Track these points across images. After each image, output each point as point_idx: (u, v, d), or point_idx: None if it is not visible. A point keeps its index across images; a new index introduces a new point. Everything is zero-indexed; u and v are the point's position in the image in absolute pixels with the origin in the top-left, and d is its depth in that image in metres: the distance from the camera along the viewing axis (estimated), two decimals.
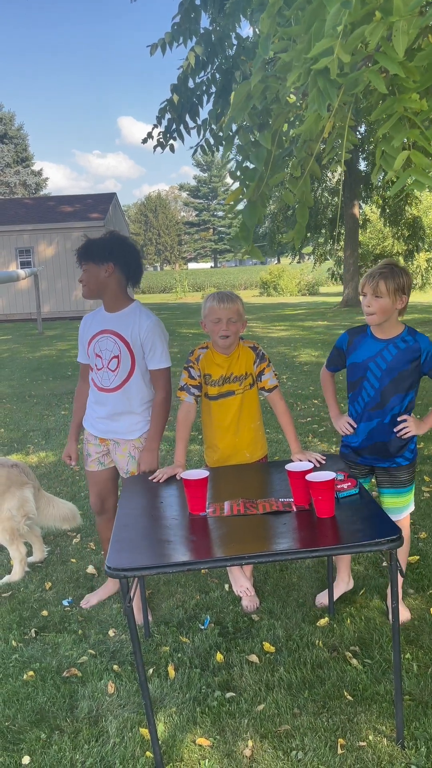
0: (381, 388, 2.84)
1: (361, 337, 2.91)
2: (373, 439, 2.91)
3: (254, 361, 3.02)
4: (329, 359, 3.08)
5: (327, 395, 3.17)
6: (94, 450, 3.27)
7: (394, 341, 2.82)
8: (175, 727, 2.47)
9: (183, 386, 3.06)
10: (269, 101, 2.21)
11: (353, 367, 2.92)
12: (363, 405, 2.91)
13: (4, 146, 47.59)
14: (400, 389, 2.83)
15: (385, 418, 2.87)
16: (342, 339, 2.98)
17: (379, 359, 2.83)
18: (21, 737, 2.48)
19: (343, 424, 3.00)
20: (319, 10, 1.54)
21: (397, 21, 1.46)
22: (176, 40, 4.09)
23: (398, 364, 2.80)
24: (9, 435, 6.99)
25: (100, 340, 3.09)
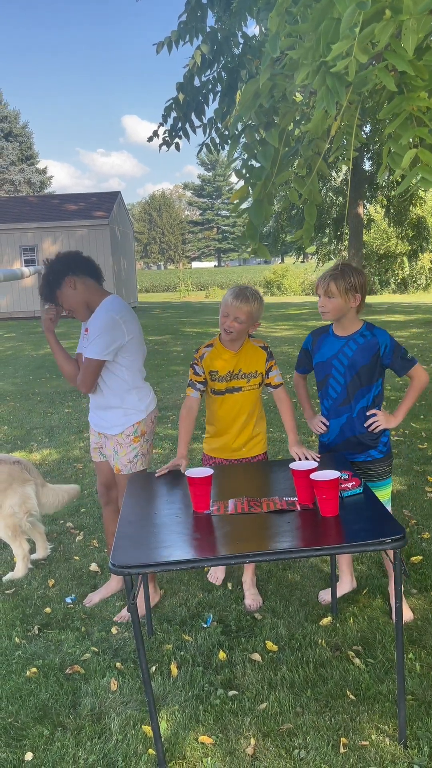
0: (346, 384, 2.93)
1: (324, 337, 3.02)
2: (345, 435, 2.99)
3: (266, 359, 3.09)
4: (298, 361, 3.19)
5: (300, 397, 3.28)
6: (94, 441, 3.35)
7: (353, 337, 2.92)
8: (177, 725, 2.48)
9: (189, 383, 3.11)
10: (276, 99, 2.21)
11: (319, 366, 3.02)
12: (331, 402, 3.00)
13: (9, 144, 47.63)
14: (363, 383, 2.92)
15: (353, 412, 2.95)
16: (307, 340, 3.11)
17: (341, 356, 2.93)
18: (24, 733, 2.48)
19: (316, 424, 3.10)
20: (327, 8, 1.54)
21: (406, 19, 1.46)
22: (182, 38, 4.09)
23: (359, 359, 2.90)
24: (12, 432, 7.00)
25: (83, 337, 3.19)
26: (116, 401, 3.14)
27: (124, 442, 3.16)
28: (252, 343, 3.10)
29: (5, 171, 47.45)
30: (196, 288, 42.38)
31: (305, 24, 1.67)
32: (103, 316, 3.03)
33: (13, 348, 14.39)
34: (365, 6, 1.38)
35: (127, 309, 3.12)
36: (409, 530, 3.99)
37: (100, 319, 3.03)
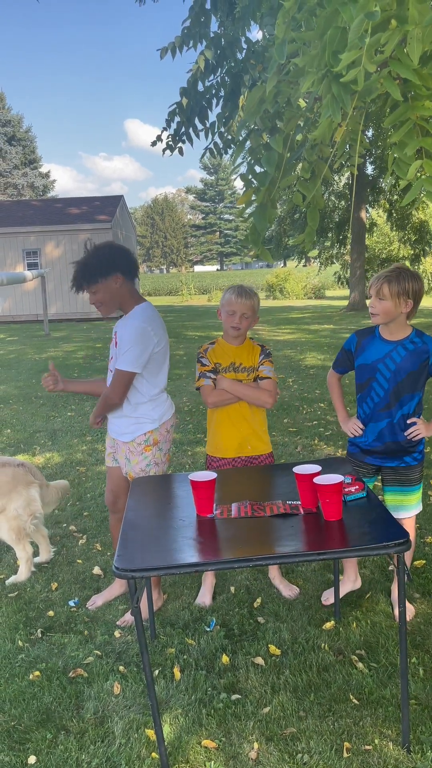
0: (390, 389, 2.89)
1: (370, 339, 2.96)
2: (383, 440, 2.96)
3: (259, 354, 3.20)
4: (337, 361, 3.12)
5: (334, 398, 3.22)
6: (109, 446, 3.36)
7: (402, 343, 2.88)
8: (180, 729, 2.48)
9: (199, 375, 3.18)
10: (281, 105, 2.22)
11: (362, 368, 2.96)
12: (372, 406, 2.95)
13: (12, 148, 47.79)
14: (408, 390, 2.88)
15: (394, 418, 2.92)
16: (350, 340, 3.03)
17: (388, 360, 2.88)
18: (27, 737, 2.48)
19: (351, 427, 3.05)
20: (333, 17, 1.55)
21: (412, 29, 1.47)
22: (186, 43, 4.11)
23: (407, 365, 2.86)
24: (15, 436, 7.01)
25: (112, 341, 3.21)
26: (129, 410, 3.14)
27: (135, 450, 3.16)
28: (252, 343, 3.25)
29: (8, 175, 47.58)
30: (199, 292, 42.39)
31: (311, 32, 1.68)
32: (136, 326, 3.00)
33: (16, 351, 14.42)
34: (374, 16, 1.39)
35: (157, 318, 3.12)
36: None
37: (132, 329, 3.00)
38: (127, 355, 2.99)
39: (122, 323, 3.12)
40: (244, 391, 3.11)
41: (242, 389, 3.11)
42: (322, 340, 14.09)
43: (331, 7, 1.52)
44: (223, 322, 3.17)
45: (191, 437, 6.53)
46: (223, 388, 3.11)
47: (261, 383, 3.15)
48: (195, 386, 3.22)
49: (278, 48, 1.76)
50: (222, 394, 3.12)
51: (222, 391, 3.12)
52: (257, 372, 3.17)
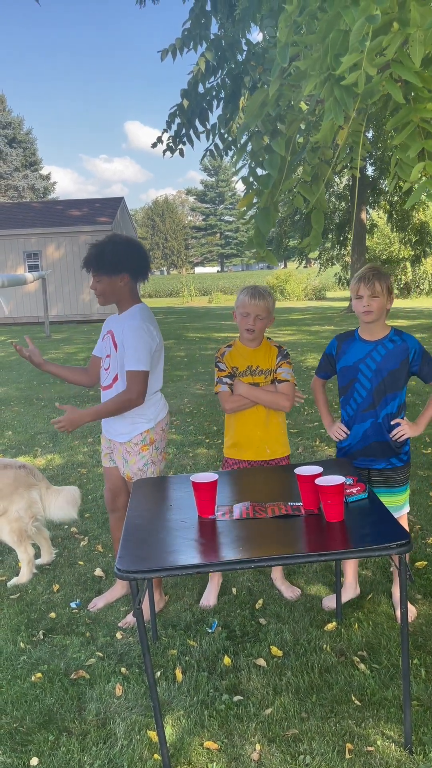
0: (372, 389, 2.93)
1: (350, 341, 3.01)
2: (368, 440, 2.99)
3: (277, 356, 3.18)
4: (319, 366, 3.19)
5: (318, 404, 3.27)
6: (105, 446, 3.35)
7: (382, 342, 2.92)
8: (182, 730, 2.48)
9: (217, 380, 3.17)
10: (283, 108, 2.22)
11: (344, 370, 3.02)
12: (356, 407, 2.99)
13: (13, 150, 47.84)
14: (390, 389, 2.92)
15: (378, 418, 2.95)
16: (331, 345, 3.10)
17: (368, 360, 2.92)
18: (29, 739, 2.48)
19: (335, 431, 3.09)
20: (335, 20, 1.55)
21: (413, 32, 1.48)
22: (186, 45, 4.12)
23: (388, 364, 2.90)
24: (17, 438, 7.01)
25: (105, 340, 3.21)
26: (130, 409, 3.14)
27: (132, 450, 3.17)
28: (269, 344, 3.22)
29: (9, 177, 47.63)
30: (199, 293, 42.43)
31: (312, 35, 1.68)
32: (138, 326, 3.02)
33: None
34: (375, 20, 1.39)
35: (154, 319, 3.17)
36: (414, 535, 3.99)
37: (135, 330, 3.02)
38: (138, 355, 3.01)
39: (120, 323, 3.12)
40: (261, 395, 3.09)
41: (259, 394, 3.09)
42: (322, 341, 14.09)
43: (332, 10, 1.53)
44: (239, 324, 3.16)
45: (192, 439, 6.53)
46: (240, 393, 3.10)
47: (279, 386, 3.13)
48: (214, 391, 3.22)
49: (281, 51, 1.77)
50: (239, 399, 3.11)
51: (239, 396, 3.10)
52: (275, 374, 3.15)
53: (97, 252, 3.01)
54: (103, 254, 3.00)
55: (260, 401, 3.10)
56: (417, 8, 1.47)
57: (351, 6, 1.44)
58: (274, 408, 3.13)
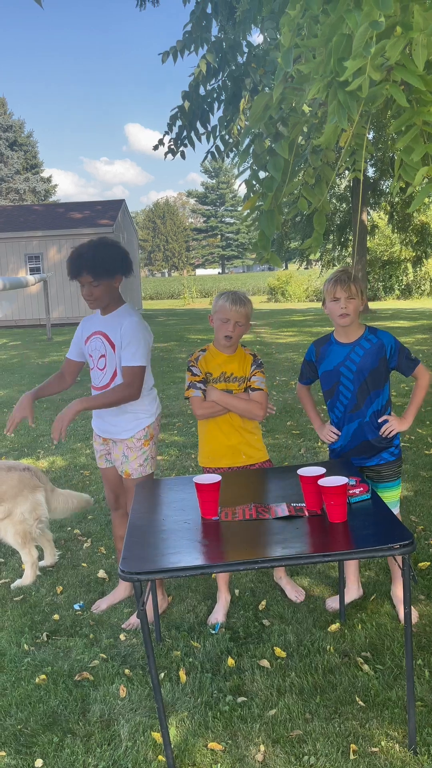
0: (356, 390, 2.96)
1: (327, 346, 3.05)
2: (358, 440, 3.03)
3: (251, 365, 3.15)
4: (301, 373, 3.22)
5: (306, 409, 3.29)
6: (99, 447, 3.36)
7: (358, 342, 2.96)
8: (187, 732, 2.48)
9: (189, 385, 3.13)
10: (286, 111, 2.23)
11: (326, 375, 3.05)
12: (342, 409, 3.03)
13: (14, 153, 47.91)
14: (373, 387, 2.96)
15: (365, 417, 2.99)
16: (310, 351, 3.13)
17: (348, 362, 2.96)
18: (34, 740, 2.49)
19: (326, 433, 3.11)
20: (338, 24, 1.55)
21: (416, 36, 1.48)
22: (188, 48, 4.13)
23: (367, 363, 2.93)
24: (19, 440, 7.02)
25: (93, 341, 3.21)
26: (128, 406, 3.16)
27: (134, 446, 3.19)
28: (243, 351, 3.19)
29: (10, 180, 47.70)
30: (201, 295, 42.45)
31: (315, 39, 1.69)
32: (136, 322, 3.07)
33: (19, 356, 14.44)
34: (379, 26, 1.39)
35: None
36: (417, 536, 3.99)
37: (134, 326, 3.06)
38: (137, 351, 3.04)
39: (112, 322, 3.13)
40: (234, 403, 3.06)
41: (232, 401, 3.06)
42: None
43: (335, 14, 1.53)
44: (216, 329, 3.10)
45: (194, 440, 6.53)
46: (212, 399, 3.06)
47: (252, 395, 3.10)
48: (184, 396, 3.17)
49: (284, 56, 1.77)
50: (211, 406, 3.07)
51: (211, 403, 3.07)
52: (248, 382, 3.12)
53: (92, 258, 2.99)
54: (100, 259, 3.00)
55: (233, 409, 3.06)
56: (420, 12, 1.48)
57: (354, 10, 1.44)
58: (246, 416, 3.10)
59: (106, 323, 3.17)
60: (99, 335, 3.18)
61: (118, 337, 3.09)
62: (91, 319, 3.29)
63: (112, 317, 3.16)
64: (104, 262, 3.00)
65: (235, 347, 3.15)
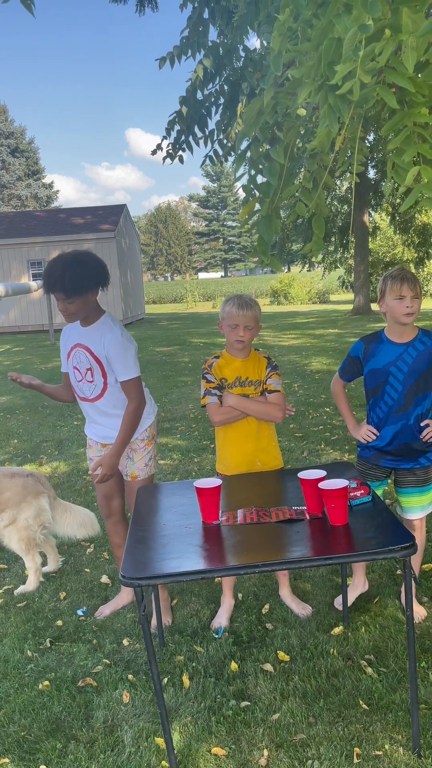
0: (404, 391, 2.92)
1: (378, 344, 2.98)
2: (399, 442, 2.99)
3: (266, 367, 3.12)
4: (343, 369, 3.14)
5: (341, 407, 3.23)
6: (95, 454, 3.33)
7: (412, 344, 2.92)
8: (190, 737, 2.47)
9: (205, 392, 3.10)
10: (280, 115, 2.24)
11: (373, 373, 2.99)
12: (387, 409, 2.97)
13: (16, 160, 48.10)
14: (421, 390, 2.92)
15: (410, 419, 2.95)
16: (357, 347, 3.05)
17: (400, 362, 2.91)
18: (37, 747, 2.49)
19: (364, 433, 3.05)
20: (328, 28, 1.56)
21: (406, 38, 1.48)
22: (185, 53, 4.14)
23: (419, 365, 2.89)
24: (22, 446, 7.03)
25: (76, 354, 3.14)
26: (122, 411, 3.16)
27: (138, 447, 3.21)
28: (257, 354, 3.17)
29: (12, 186, 47.86)
30: (203, 299, 42.50)
31: (306, 43, 1.69)
32: (119, 335, 3.04)
33: (22, 361, 14.47)
34: (367, 30, 1.40)
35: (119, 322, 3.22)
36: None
37: (118, 340, 3.03)
38: (128, 363, 3.04)
39: (92, 336, 3.07)
40: (252, 406, 3.03)
41: (250, 405, 3.03)
42: (327, 344, 14.09)
43: (325, 18, 1.54)
44: (226, 335, 3.09)
45: (197, 444, 6.53)
46: (230, 405, 3.03)
47: (269, 397, 3.07)
48: (201, 404, 3.15)
49: (274, 60, 1.78)
50: (229, 411, 3.04)
51: (229, 408, 3.03)
52: (265, 385, 3.10)
53: (61, 276, 2.91)
54: (73, 276, 2.91)
55: (251, 412, 3.04)
56: (409, 15, 1.48)
57: (343, 14, 1.45)
58: (265, 419, 3.07)
59: (86, 336, 3.10)
60: (81, 348, 3.11)
61: (101, 352, 3.05)
62: (70, 330, 3.21)
63: (91, 330, 3.10)
64: (74, 280, 2.90)
65: (248, 351, 3.12)
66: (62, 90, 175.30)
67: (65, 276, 2.90)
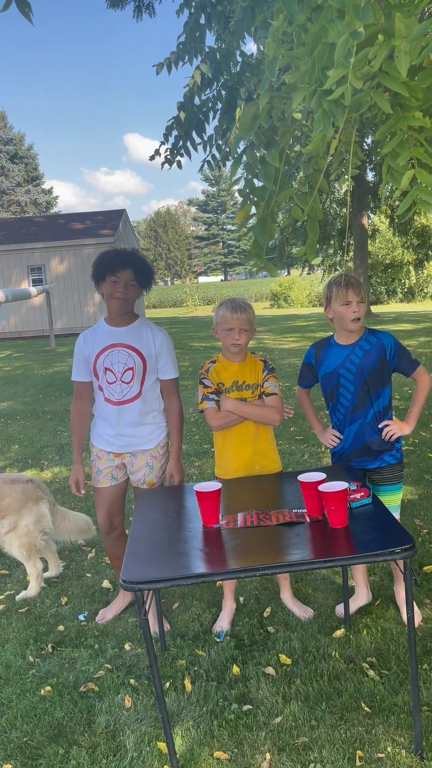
0: (356, 391, 2.97)
1: (327, 348, 3.06)
2: (359, 441, 3.03)
3: (263, 370, 3.12)
4: (300, 377, 3.23)
5: (307, 413, 3.32)
6: (106, 465, 3.25)
7: (358, 344, 2.97)
8: (192, 741, 2.47)
9: (202, 397, 3.10)
10: (275, 120, 2.24)
11: (326, 377, 3.05)
12: (343, 411, 3.03)
13: (15, 166, 48.20)
14: (373, 388, 2.96)
15: (366, 417, 2.99)
16: (309, 354, 3.13)
17: (348, 364, 2.96)
18: (39, 752, 2.48)
19: (329, 437, 3.12)
20: (321, 33, 1.57)
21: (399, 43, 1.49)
22: (181, 59, 4.15)
23: (367, 364, 2.94)
24: (23, 451, 7.04)
25: (111, 354, 3.11)
26: (154, 416, 3.21)
27: (158, 454, 3.23)
28: (253, 358, 3.17)
29: (11, 192, 47.97)
30: (203, 303, 42.53)
31: (300, 48, 1.70)
32: (167, 336, 3.20)
33: (22, 367, 14.48)
34: (359, 36, 1.41)
35: None
36: (421, 540, 3.98)
37: (167, 340, 3.19)
38: (175, 362, 3.22)
39: (135, 334, 3.12)
40: (250, 410, 3.03)
41: (248, 409, 3.03)
42: None
43: (319, 23, 1.55)
44: (222, 340, 3.08)
45: (197, 448, 6.54)
46: (227, 409, 3.03)
47: (267, 400, 3.07)
48: (198, 409, 3.15)
49: (269, 65, 1.79)
50: (227, 416, 3.04)
51: (226, 413, 3.03)
52: (262, 389, 3.10)
53: (141, 260, 3.08)
54: (145, 264, 3.08)
55: (249, 416, 3.04)
56: (401, 19, 1.49)
57: (336, 20, 1.46)
58: (264, 422, 3.07)
59: (127, 335, 3.11)
60: (122, 348, 3.09)
61: (152, 350, 3.12)
62: (95, 333, 3.18)
63: (132, 330, 3.13)
64: (148, 269, 3.09)
65: (244, 354, 3.13)
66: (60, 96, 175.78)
67: (144, 261, 3.06)
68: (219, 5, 4.05)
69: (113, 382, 3.12)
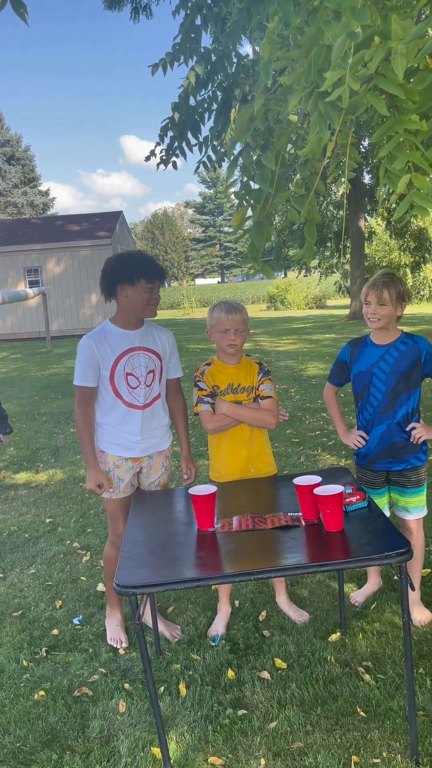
0: (387, 391, 2.95)
1: (362, 347, 3.04)
2: (386, 442, 3.01)
3: (258, 373, 3.11)
4: (332, 373, 3.19)
5: (332, 412, 3.28)
6: (127, 474, 3.09)
7: (394, 345, 2.96)
8: (187, 746, 2.45)
9: (197, 400, 3.07)
10: (271, 122, 2.23)
11: (359, 376, 3.03)
12: (372, 411, 3.01)
13: (12, 167, 48.18)
14: (404, 389, 2.95)
15: (395, 418, 2.98)
16: (344, 352, 3.11)
17: (382, 363, 2.96)
18: (32, 758, 2.46)
19: (354, 439, 3.09)
20: (318, 35, 1.56)
21: (395, 45, 1.48)
22: (177, 59, 4.15)
23: (400, 365, 2.93)
24: (19, 453, 7.01)
25: (132, 358, 3.00)
26: (165, 416, 3.20)
27: (169, 454, 3.23)
28: (249, 360, 3.16)
29: (8, 194, 47.94)
30: (200, 305, 42.53)
31: (296, 50, 1.69)
32: (173, 338, 3.23)
33: (18, 369, 14.45)
34: (356, 37, 1.40)
35: None
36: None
37: (173, 339, 3.22)
38: (179, 363, 3.26)
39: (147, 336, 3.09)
40: (245, 413, 3.01)
41: (243, 412, 3.01)
42: (323, 349, 14.09)
43: (315, 25, 1.54)
44: (217, 342, 3.06)
45: (194, 450, 6.52)
46: (222, 412, 3.01)
47: (262, 403, 3.05)
48: (193, 412, 3.12)
49: (264, 68, 1.78)
50: (222, 419, 3.01)
51: (222, 416, 3.01)
52: (257, 391, 3.08)
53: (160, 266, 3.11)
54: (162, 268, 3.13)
55: (244, 419, 3.01)
56: (398, 21, 1.48)
57: (332, 21, 1.45)
58: (259, 426, 3.05)
59: (142, 338, 3.05)
60: (142, 351, 3.03)
61: (165, 349, 3.13)
62: (105, 337, 3.00)
63: (144, 332, 3.09)
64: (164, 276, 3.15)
65: (239, 356, 3.11)
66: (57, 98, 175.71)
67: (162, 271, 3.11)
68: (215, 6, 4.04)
69: (137, 386, 3.01)
